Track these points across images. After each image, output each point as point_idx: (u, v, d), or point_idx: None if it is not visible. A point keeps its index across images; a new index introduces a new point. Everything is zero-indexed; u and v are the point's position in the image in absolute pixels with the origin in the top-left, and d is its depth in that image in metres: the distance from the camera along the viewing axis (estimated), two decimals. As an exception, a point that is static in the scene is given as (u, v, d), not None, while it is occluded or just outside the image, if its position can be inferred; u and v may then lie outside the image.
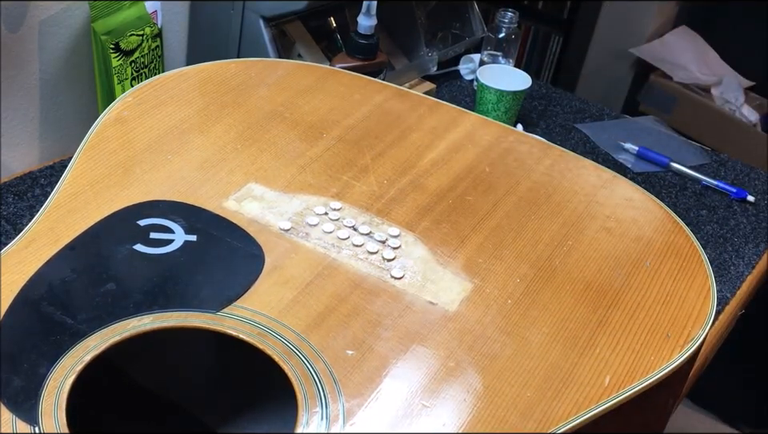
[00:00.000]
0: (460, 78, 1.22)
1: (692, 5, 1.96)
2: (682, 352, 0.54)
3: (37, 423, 0.45)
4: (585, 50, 1.99)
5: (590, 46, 1.99)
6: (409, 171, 0.68)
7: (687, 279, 0.60)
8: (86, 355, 0.49)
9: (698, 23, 1.93)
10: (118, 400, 0.59)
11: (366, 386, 0.49)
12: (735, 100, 1.81)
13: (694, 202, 1.03)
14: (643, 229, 0.65)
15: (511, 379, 0.51)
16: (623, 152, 1.11)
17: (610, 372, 0.52)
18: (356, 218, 0.62)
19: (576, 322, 0.56)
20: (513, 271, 0.59)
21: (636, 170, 1.07)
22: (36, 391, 0.47)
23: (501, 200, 0.66)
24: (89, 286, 0.53)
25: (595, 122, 1.17)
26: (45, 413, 0.45)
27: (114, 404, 0.59)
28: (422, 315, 0.55)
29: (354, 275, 0.57)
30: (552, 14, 2.00)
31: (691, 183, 1.07)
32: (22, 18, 0.83)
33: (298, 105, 0.74)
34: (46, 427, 0.45)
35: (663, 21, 1.93)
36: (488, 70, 1.08)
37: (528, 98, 1.17)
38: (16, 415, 0.45)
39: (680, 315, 0.57)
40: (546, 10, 2.00)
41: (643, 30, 1.91)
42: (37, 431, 0.44)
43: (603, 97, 1.90)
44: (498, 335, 0.54)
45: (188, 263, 0.56)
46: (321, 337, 0.52)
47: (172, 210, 0.60)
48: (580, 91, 1.97)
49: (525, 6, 2.00)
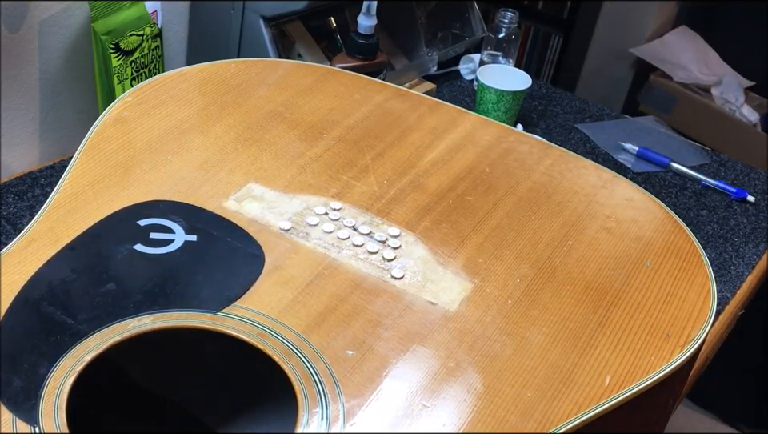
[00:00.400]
0: (460, 78, 1.22)
1: (692, 5, 1.96)
2: (682, 352, 0.54)
3: (37, 423, 0.45)
4: (585, 50, 1.99)
5: (589, 46, 1.99)
6: (409, 171, 0.68)
7: (687, 279, 0.60)
8: (86, 355, 0.49)
9: (698, 23, 1.93)
10: (118, 400, 0.59)
11: (366, 386, 0.49)
12: (735, 100, 1.81)
13: (694, 202, 1.03)
14: (643, 229, 0.65)
15: (511, 379, 0.51)
16: (623, 152, 1.11)
17: (610, 372, 0.52)
18: (356, 218, 0.62)
19: (576, 322, 0.56)
20: (513, 271, 0.59)
21: (636, 170, 1.07)
22: (36, 391, 0.47)
23: (501, 200, 0.66)
24: (89, 286, 0.53)
25: (595, 122, 1.17)
26: (45, 413, 0.45)
27: (113, 404, 0.59)
28: (423, 315, 0.55)
29: (354, 275, 0.57)
30: (552, 14, 2.00)
31: (691, 183, 1.07)
32: (22, 18, 0.83)
33: (298, 105, 0.74)
34: (46, 427, 0.45)
35: (663, 21, 1.94)
36: (488, 70, 1.08)
37: (528, 98, 1.17)
38: (16, 416, 0.45)
39: (680, 314, 0.57)
40: (546, 10, 2.01)
41: (643, 30, 1.91)
42: (37, 432, 0.44)
43: (603, 97, 1.90)
44: (499, 335, 0.54)
45: (188, 263, 0.56)
46: (321, 337, 0.52)
47: (172, 210, 0.60)
48: (580, 91, 1.97)
49: (525, 6, 2.00)
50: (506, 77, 1.06)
